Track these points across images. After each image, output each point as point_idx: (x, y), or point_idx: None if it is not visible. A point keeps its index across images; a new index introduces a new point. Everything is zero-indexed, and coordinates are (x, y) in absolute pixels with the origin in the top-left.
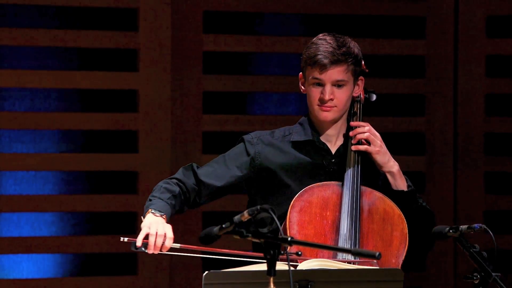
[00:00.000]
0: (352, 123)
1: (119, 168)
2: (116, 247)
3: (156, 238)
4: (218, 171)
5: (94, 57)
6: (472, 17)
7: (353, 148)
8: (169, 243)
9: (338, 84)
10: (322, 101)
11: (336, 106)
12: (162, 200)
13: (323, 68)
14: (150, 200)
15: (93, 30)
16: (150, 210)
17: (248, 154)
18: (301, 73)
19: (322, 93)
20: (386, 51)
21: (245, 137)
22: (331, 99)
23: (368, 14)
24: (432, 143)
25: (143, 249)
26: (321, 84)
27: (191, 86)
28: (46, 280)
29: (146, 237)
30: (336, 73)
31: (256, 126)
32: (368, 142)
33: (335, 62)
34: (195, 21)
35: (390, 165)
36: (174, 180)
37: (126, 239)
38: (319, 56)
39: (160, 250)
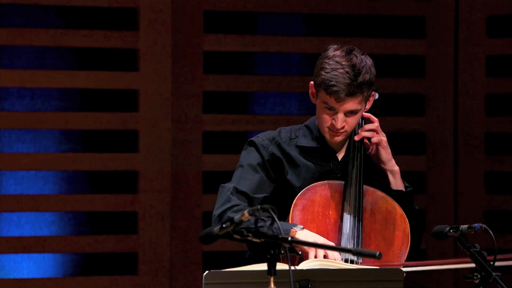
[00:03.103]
0: (365, 114)
1: (119, 168)
2: (116, 247)
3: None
4: (259, 183)
5: (94, 57)
6: (472, 17)
7: (364, 134)
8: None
9: (351, 112)
10: (333, 127)
11: (346, 131)
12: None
13: (338, 99)
14: (265, 223)
15: (93, 30)
16: (298, 229)
17: (264, 158)
18: (312, 82)
19: (334, 119)
20: (386, 51)
21: (255, 140)
22: (343, 126)
23: (368, 14)
24: (432, 143)
25: None
26: (334, 110)
27: (191, 85)
28: (46, 280)
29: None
30: (351, 104)
31: (256, 126)
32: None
33: (351, 94)
34: (196, 20)
35: (393, 163)
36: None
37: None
38: (335, 88)
39: None
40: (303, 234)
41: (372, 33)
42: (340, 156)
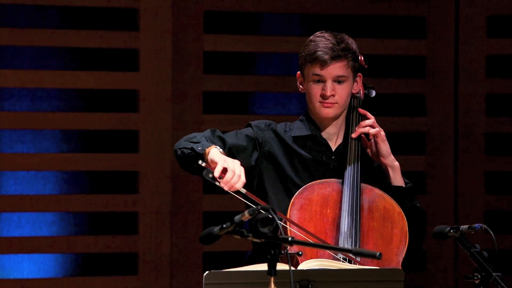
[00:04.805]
0: (362, 111)
1: (120, 168)
2: (116, 247)
3: (233, 175)
4: (240, 147)
5: (94, 57)
6: (472, 17)
7: (361, 130)
8: (240, 185)
9: (338, 80)
10: (323, 97)
11: (337, 103)
12: (214, 144)
13: (323, 64)
14: (198, 142)
15: (93, 30)
16: (213, 146)
17: (255, 137)
18: (299, 72)
19: (323, 89)
20: (386, 51)
21: (252, 122)
22: (333, 95)
23: (368, 14)
24: (432, 143)
25: (216, 183)
26: (321, 80)
27: (191, 86)
28: (46, 280)
29: (223, 171)
30: (337, 68)
31: None
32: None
33: (335, 57)
34: (196, 21)
35: (393, 158)
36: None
37: (204, 164)
38: (319, 53)
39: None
40: (213, 152)
41: (372, 33)
42: (334, 146)
